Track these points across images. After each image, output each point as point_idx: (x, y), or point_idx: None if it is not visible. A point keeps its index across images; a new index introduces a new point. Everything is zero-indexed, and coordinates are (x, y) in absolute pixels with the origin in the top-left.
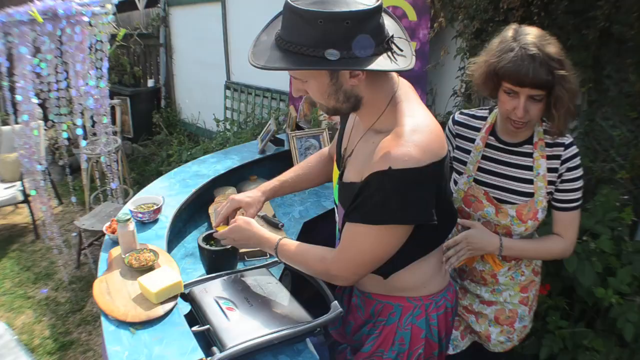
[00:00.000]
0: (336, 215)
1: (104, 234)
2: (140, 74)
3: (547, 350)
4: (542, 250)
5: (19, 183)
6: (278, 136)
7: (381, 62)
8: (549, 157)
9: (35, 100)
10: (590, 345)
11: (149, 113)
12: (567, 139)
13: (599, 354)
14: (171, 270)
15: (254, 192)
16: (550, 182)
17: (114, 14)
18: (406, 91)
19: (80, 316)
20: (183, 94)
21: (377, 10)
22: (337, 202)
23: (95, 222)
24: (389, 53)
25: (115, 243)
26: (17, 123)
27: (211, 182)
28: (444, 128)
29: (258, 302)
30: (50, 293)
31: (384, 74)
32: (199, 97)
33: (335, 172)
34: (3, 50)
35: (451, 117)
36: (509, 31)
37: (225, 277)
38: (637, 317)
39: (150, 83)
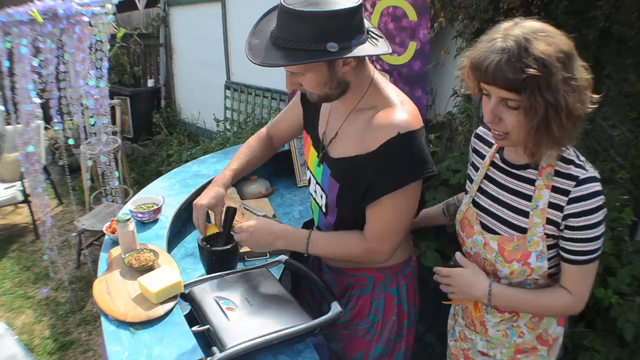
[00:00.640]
0: (318, 195)
1: (104, 234)
2: (140, 74)
3: None
4: (540, 305)
5: (19, 183)
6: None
7: (369, 49)
8: (554, 190)
9: (36, 100)
10: (590, 345)
11: (149, 113)
12: (584, 173)
13: (599, 354)
14: (171, 270)
15: (214, 190)
16: (551, 222)
17: (114, 14)
18: (380, 76)
19: (80, 316)
20: (183, 94)
21: (362, 5)
22: (319, 181)
23: (95, 222)
24: (372, 40)
25: (115, 243)
26: (18, 123)
27: (211, 182)
28: (444, 128)
29: (258, 302)
30: (50, 293)
31: (363, 60)
32: (199, 97)
33: (313, 155)
34: (3, 50)
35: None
36: (510, 22)
37: (225, 277)
38: (637, 317)
39: (150, 83)
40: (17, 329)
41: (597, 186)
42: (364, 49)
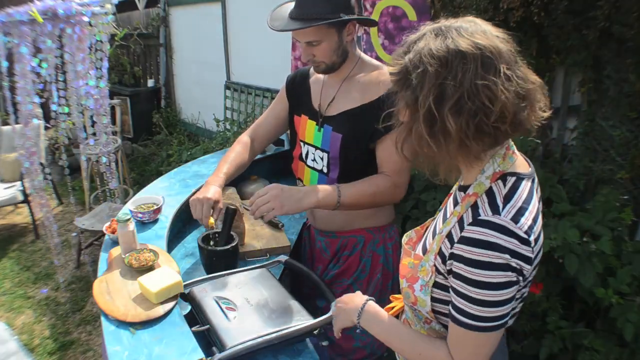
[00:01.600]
0: (317, 159)
1: (103, 234)
2: (140, 74)
3: (547, 350)
4: (413, 349)
5: (19, 183)
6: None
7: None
8: (459, 220)
9: (36, 100)
10: (590, 345)
11: (149, 113)
12: (487, 215)
13: (599, 354)
14: (171, 270)
15: (213, 188)
16: (441, 255)
17: (114, 14)
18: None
19: (80, 316)
20: (183, 94)
21: None
22: (319, 144)
23: (95, 222)
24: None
25: (115, 243)
26: (17, 123)
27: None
28: None
29: (258, 302)
30: (50, 293)
31: (353, 38)
32: (199, 97)
33: (311, 125)
34: (3, 50)
35: None
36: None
37: (225, 277)
38: (637, 317)
39: (150, 83)
40: (17, 329)
41: (493, 236)
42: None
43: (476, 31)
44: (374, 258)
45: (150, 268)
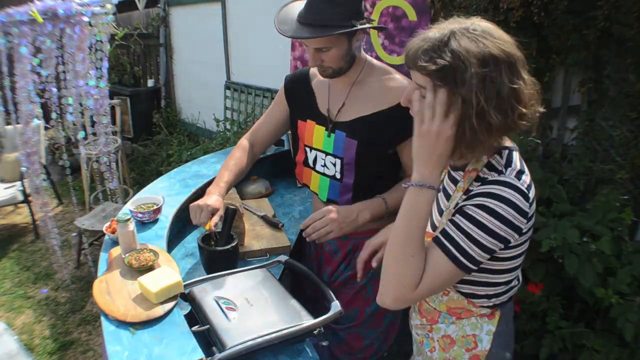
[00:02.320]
0: (329, 165)
1: (104, 234)
2: (140, 74)
3: (547, 350)
4: (411, 231)
5: (19, 183)
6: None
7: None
8: (465, 192)
9: (36, 100)
10: (590, 345)
11: (149, 113)
12: (496, 176)
13: (599, 354)
14: (171, 270)
15: (214, 198)
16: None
17: (114, 14)
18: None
19: (80, 316)
20: (183, 94)
21: None
22: (331, 150)
23: (95, 222)
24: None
25: (115, 243)
26: (17, 123)
27: (211, 182)
28: None
29: (258, 302)
30: (50, 293)
31: (361, 41)
32: (199, 97)
33: (320, 131)
34: (3, 50)
35: None
36: (464, 18)
37: (225, 277)
38: (637, 317)
39: (150, 83)
40: (17, 329)
41: (501, 190)
42: (370, 24)
43: (500, 36)
44: None
45: (150, 268)
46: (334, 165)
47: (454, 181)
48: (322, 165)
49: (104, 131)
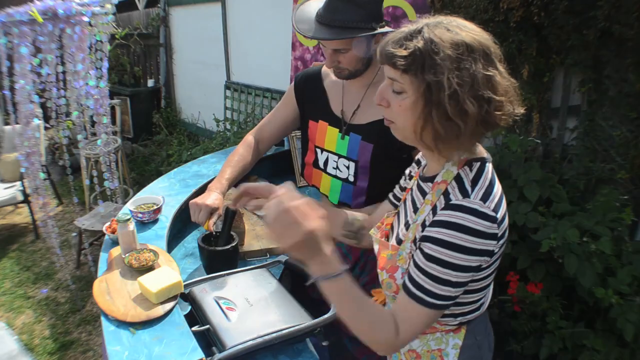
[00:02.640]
0: (342, 168)
1: (104, 234)
2: (140, 73)
3: (547, 350)
4: (362, 312)
5: (19, 183)
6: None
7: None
8: (433, 208)
9: (36, 100)
10: (590, 345)
11: (149, 113)
12: (460, 199)
13: (599, 354)
14: (171, 270)
15: (214, 196)
16: (414, 243)
17: (114, 14)
18: None
19: (80, 316)
20: (183, 94)
21: None
22: (345, 153)
23: (95, 222)
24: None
25: (115, 243)
26: (17, 123)
27: (211, 182)
28: None
29: (258, 302)
30: (50, 293)
31: (376, 44)
32: (199, 97)
33: (333, 133)
34: (3, 50)
35: None
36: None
37: (225, 277)
38: (637, 317)
39: (150, 83)
40: (17, 329)
41: (464, 219)
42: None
43: (473, 29)
44: None
45: (150, 268)
46: (348, 168)
47: (423, 193)
48: (334, 168)
49: (104, 131)
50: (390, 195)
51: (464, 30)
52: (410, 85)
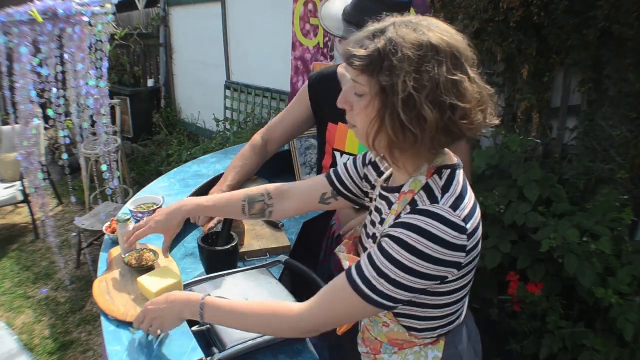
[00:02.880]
0: None
1: (103, 234)
2: (140, 73)
3: (547, 350)
4: (261, 312)
5: (19, 183)
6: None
7: None
8: (396, 218)
9: (35, 100)
10: (590, 345)
11: (149, 113)
12: (426, 205)
13: (599, 354)
14: (171, 271)
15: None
16: None
17: (114, 14)
18: None
19: (80, 316)
20: (183, 94)
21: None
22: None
23: (95, 222)
24: None
25: (115, 243)
26: (17, 123)
27: (211, 182)
28: None
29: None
30: (50, 293)
31: None
32: (199, 97)
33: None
34: (3, 50)
35: None
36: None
37: (225, 277)
38: (637, 317)
39: (150, 83)
40: (17, 329)
41: (430, 225)
42: None
43: (446, 30)
44: None
45: (151, 268)
46: None
47: (390, 203)
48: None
49: (104, 131)
50: (334, 177)
51: (434, 31)
52: (368, 88)
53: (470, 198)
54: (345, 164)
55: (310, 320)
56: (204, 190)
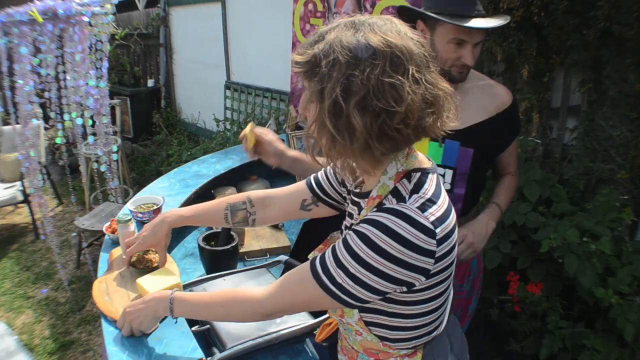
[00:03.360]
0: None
1: (104, 234)
2: (140, 73)
3: (547, 350)
4: (224, 299)
5: (19, 183)
6: (278, 136)
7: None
8: None
9: (35, 100)
10: (590, 345)
11: (149, 113)
12: (393, 203)
13: (599, 354)
14: (170, 272)
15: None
16: None
17: (114, 14)
18: None
19: (80, 316)
20: (183, 94)
21: None
22: (440, 161)
23: (95, 222)
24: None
25: (115, 243)
26: (17, 123)
27: (211, 182)
28: None
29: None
30: (50, 293)
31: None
32: (199, 97)
33: (423, 141)
34: (3, 50)
35: None
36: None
37: (225, 277)
38: (637, 317)
39: (150, 83)
40: (17, 329)
41: (396, 224)
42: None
43: (390, 29)
44: (478, 256)
45: (155, 269)
46: (443, 176)
47: (360, 209)
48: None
49: (104, 131)
50: (313, 182)
51: (380, 33)
52: (309, 94)
53: (443, 203)
54: (325, 170)
55: (268, 304)
56: (204, 190)
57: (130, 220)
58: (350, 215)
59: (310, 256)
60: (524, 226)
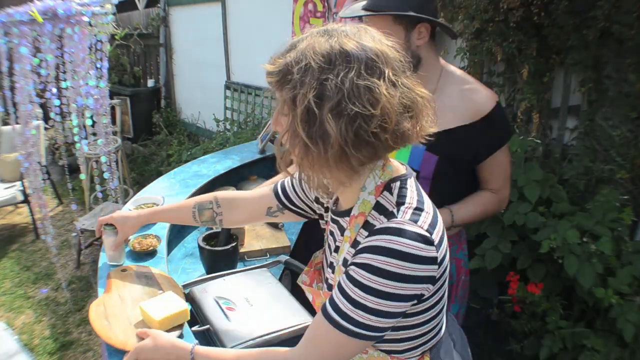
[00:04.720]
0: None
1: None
2: (140, 74)
3: (547, 350)
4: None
5: (19, 183)
6: (278, 136)
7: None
8: (352, 244)
9: (36, 100)
10: (590, 345)
11: (149, 113)
12: (384, 222)
13: (599, 354)
14: (176, 297)
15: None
16: None
17: (114, 14)
18: (448, 65)
19: (80, 316)
20: (183, 94)
21: None
22: (406, 163)
23: (95, 222)
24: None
25: None
26: (17, 123)
27: (211, 182)
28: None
29: (258, 302)
30: (50, 293)
31: (433, 48)
32: (199, 97)
33: None
34: (3, 50)
35: None
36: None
37: (225, 277)
38: (637, 317)
39: (150, 83)
40: (17, 329)
41: (396, 242)
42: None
43: (364, 35)
44: (457, 263)
45: (153, 252)
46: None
47: (341, 229)
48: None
49: (104, 131)
50: (280, 190)
51: (354, 39)
52: (281, 104)
53: (428, 206)
54: (291, 178)
55: None
56: (204, 190)
57: (115, 229)
58: (332, 235)
59: (298, 282)
60: (524, 226)
